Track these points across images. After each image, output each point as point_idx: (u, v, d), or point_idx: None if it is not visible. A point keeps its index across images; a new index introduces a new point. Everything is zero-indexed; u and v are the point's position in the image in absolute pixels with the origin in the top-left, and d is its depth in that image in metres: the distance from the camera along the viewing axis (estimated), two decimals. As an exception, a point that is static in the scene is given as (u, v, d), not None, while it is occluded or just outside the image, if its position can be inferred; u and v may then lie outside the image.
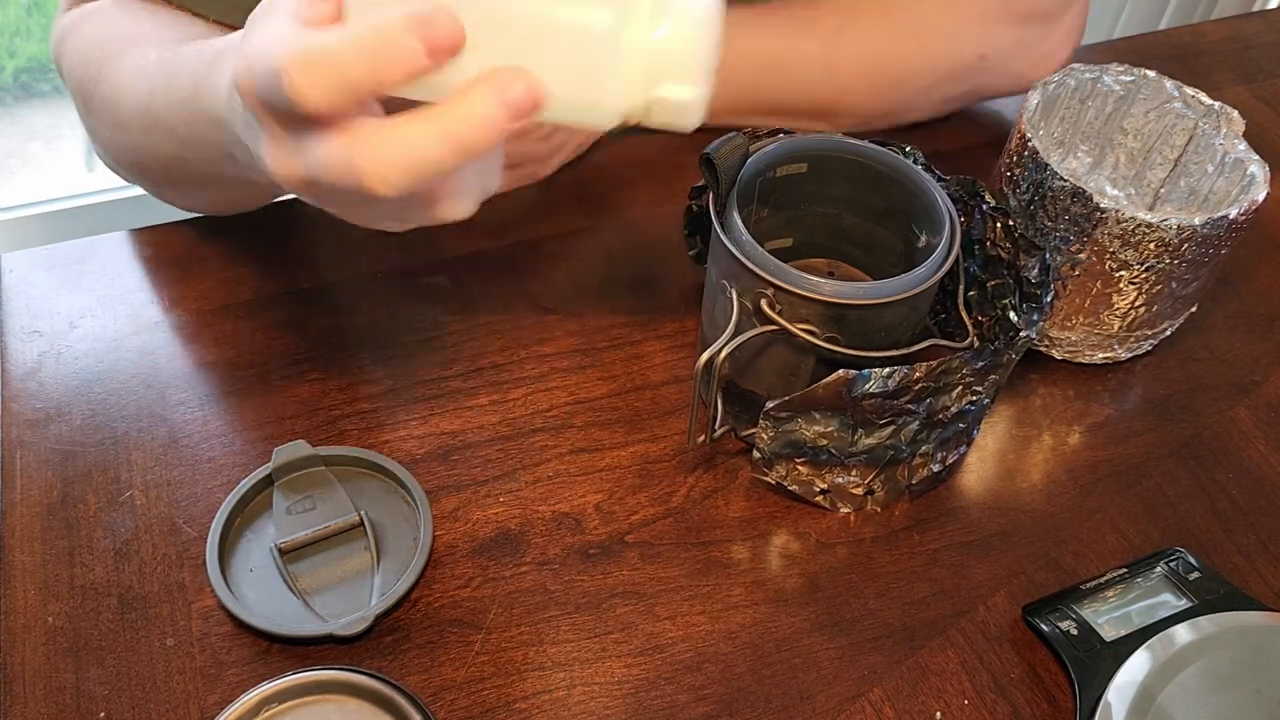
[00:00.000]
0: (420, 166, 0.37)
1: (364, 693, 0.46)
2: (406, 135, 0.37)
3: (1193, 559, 0.53)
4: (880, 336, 0.52)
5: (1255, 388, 0.63)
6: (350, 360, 0.60)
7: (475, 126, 0.37)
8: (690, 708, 0.49)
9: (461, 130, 0.37)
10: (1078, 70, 0.63)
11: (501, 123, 0.37)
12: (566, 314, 0.63)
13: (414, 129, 0.37)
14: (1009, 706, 0.49)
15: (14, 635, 0.49)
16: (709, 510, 0.55)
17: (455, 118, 0.37)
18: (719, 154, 0.52)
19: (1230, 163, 0.60)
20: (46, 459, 0.55)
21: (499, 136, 0.37)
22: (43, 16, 1.85)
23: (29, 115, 1.81)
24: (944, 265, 0.52)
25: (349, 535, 0.52)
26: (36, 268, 0.64)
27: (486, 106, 0.36)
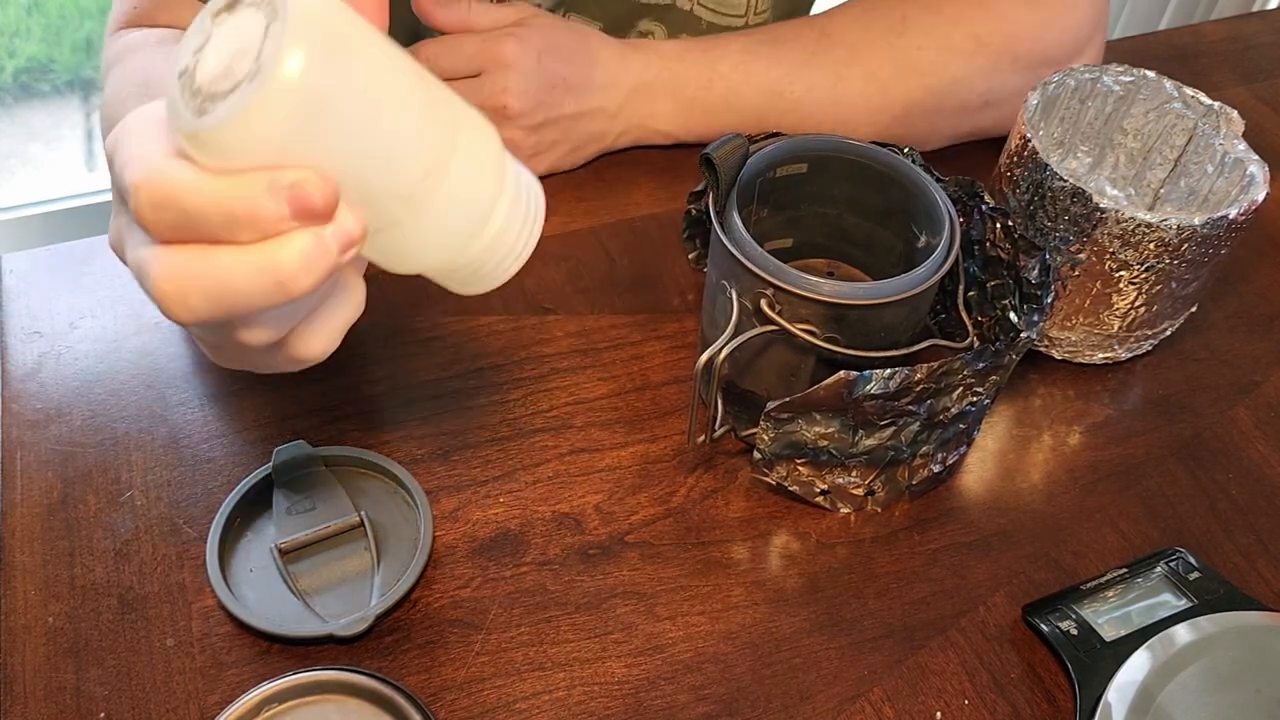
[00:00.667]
0: (231, 299, 0.34)
1: (364, 693, 0.46)
2: (221, 264, 0.33)
3: (1193, 559, 0.53)
4: (880, 337, 0.52)
5: (1255, 388, 0.63)
6: (350, 360, 0.60)
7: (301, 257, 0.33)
8: (690, 708, 0.49)
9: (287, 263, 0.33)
10: (1077, 70, 0.63)
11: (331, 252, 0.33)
12: (566, 314, 0.64)
13: (231, 258, 0.33)
14: (1009, 706, 0.49)
15: (14, 635, 0.49)
16: (709, 510, 0.55)
17: (279, 249, 0.33)
18: (719, 154, 0.52)
19: (1230, 163, 0.60)
20: (47, 459, 0.55)
21: (326, 272, 0.33)
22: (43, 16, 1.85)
23: (29, 115, 1.81)
24: (944, 265, 0.52)
25: (349, 535, 0.52)
26: (37, 268, 0.64)
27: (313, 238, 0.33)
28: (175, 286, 0.34)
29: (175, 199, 0.33)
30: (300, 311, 0.38)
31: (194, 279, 0.34)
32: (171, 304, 0.34)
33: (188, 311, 0.34)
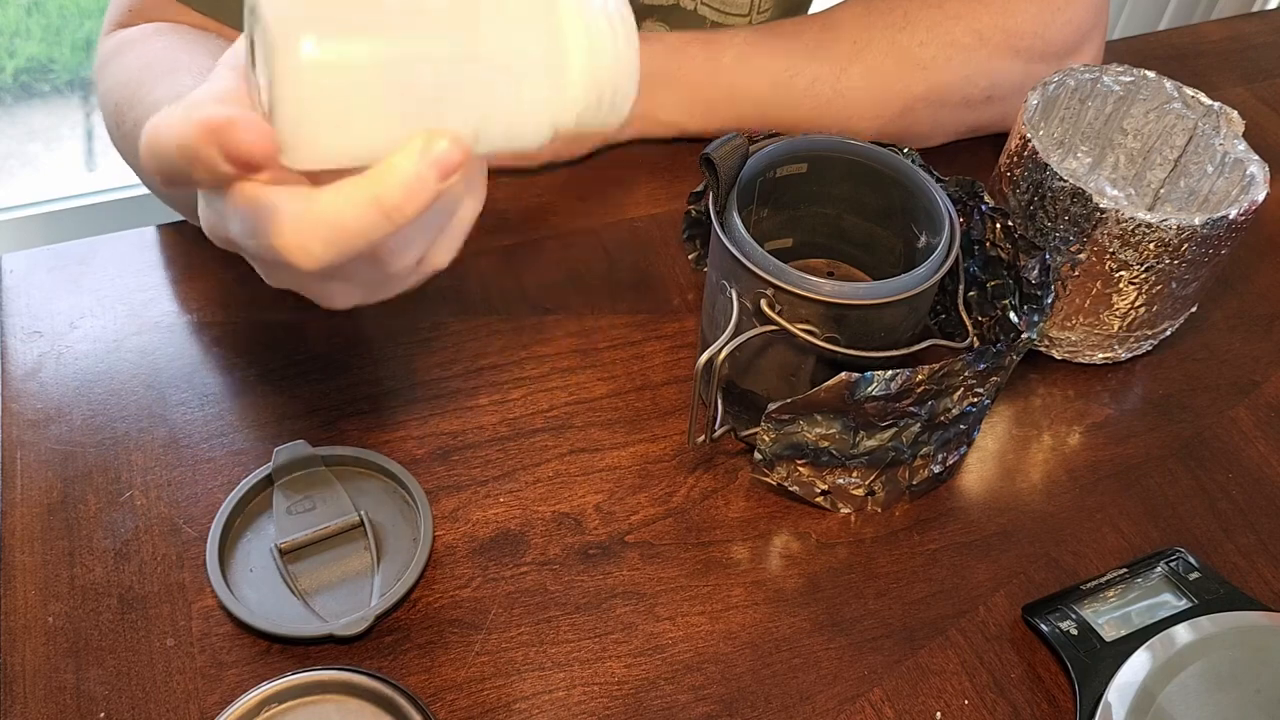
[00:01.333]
0: (346, 237, 0.35)
1: (364, 693, 0.46)
2: (329, 205, 0.35)
3: (1193, 559, 0.53)
4: (880, 337, 0.52)
5: (1255, 388, 0.63)
6: (350, 360, 0.60)
7: (401, 189, 0.34)
8: (690, 708, 0.49)
9: (388, 194, 0.34)
10: (1077, 70, 0.63)
11: (431, 183, 0.35)
12: (566, 314, 0.63)
13: (337, 198, 0.35)
14: (1009, 706, 0.49)
15: (14, 635, 0.49)
16: (709, 510, 0.55)
17: (381, 182, 0.34)
18: (719, 154, 0.52)
19: (1230, 163, 0.60)
20: (47, 459, 0.55)
21: (429, 198, 0.35)
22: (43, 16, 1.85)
23: (29, 115, 1.81)
24: (944, 265, 0.52)
25: (349, 535, 0.52)
26: (37, 268, 0.64)
27: (412, 167, 0.34)
28: (295, 238, 0.35)
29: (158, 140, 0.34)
30: (440, 223, 0.39)
31: (312, 225, 0.35)
32: (296, 255, 0.35)
33: (313, 259, 0.35)
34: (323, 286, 0.40)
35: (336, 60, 0.33)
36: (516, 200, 0.69)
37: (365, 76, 0.34)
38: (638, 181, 0.71)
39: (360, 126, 0.35)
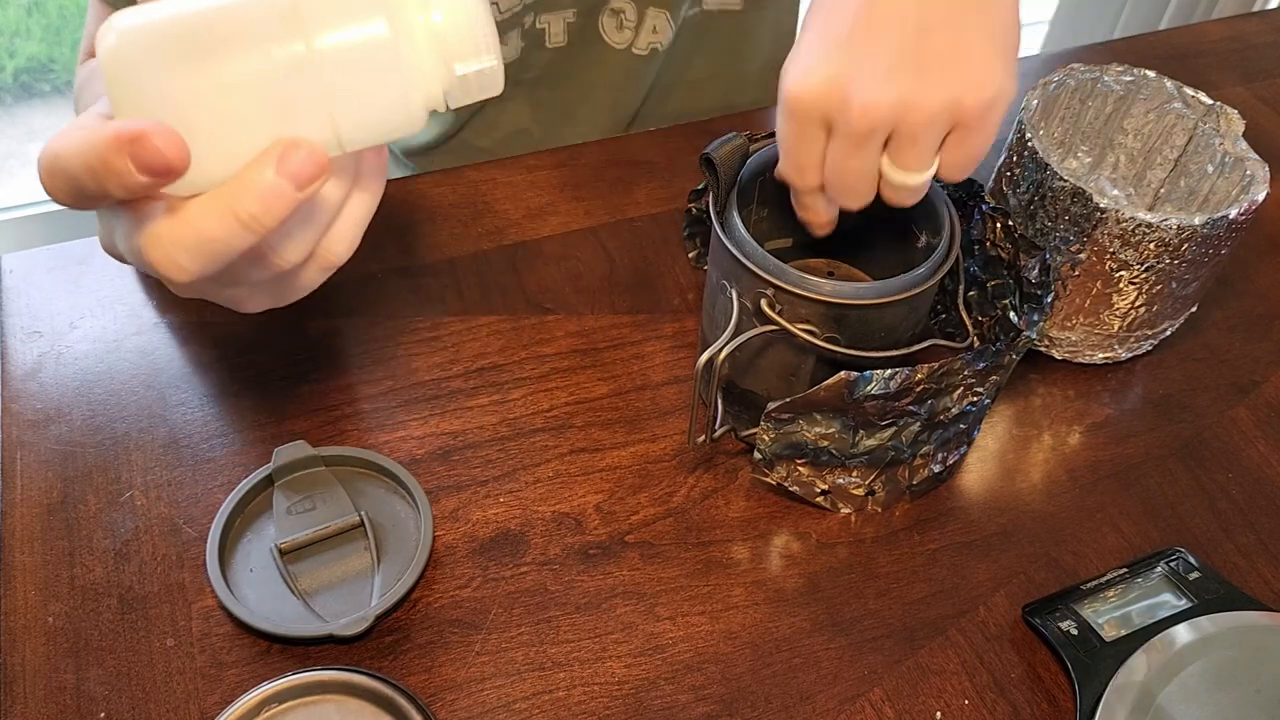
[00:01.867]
0: (211, 248, 0.36)
1: (364, 693, 0.46)
2: (191, 219, 0.35)
3: (1193, 559, 0.53)
4: (880, 336, 0.52)
5: (1255, 388, 0.63)
6: (350, 360, 0.60)
7: (258, 200, 0.35)
8: (690, 708, 0.49)
9: (244, 206, 0.35)
10: (1078, 70, 0.63)
11: (288, 193, 0.35)
12: (566, 314, 0.63)
13: (198, 211, 0.35)
14: (1009, 706, 0.49)
15: (14, 635, 0.49)
16: (709, 510, 0.55)
17: (238, 194, 0.35)
18: (719, 154, 0.52)
19: (1230, 163, 0.60)
20: (47, 459, 0.55)
21: (288, 207, 0.35)
22: (43, 17, 1.85)
23: (29, 115, 1.81)
24: (944, 265, 0.52)
25: (349, 535, 0.52)
26: (37, 268, 0.64)
27: (266, 178, 0.35)
28: (161, 252, 0.35)
29: (59, 161, 0.35)
30: (325, 218, 0.40)
31: (175, 240, 0.35)
32: (166, 268, 0.36)
33: (183, 271, 0.36)
34: (221, 292, 0.41)
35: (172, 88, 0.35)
36: (516, 200, 0.69)
37: (203, 99, 0.35)
38: (638, 181, 0.71)
39: (219, 148, 0.35)
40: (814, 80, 0.46)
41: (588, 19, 0.74)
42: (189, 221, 0.35)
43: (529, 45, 0.74)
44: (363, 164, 0.41)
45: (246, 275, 0.39)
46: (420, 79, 0.38)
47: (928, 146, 0.46)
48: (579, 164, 0.72)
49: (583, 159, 0.72)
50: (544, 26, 0.74)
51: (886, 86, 0.44)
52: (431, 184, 0.70)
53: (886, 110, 0.44)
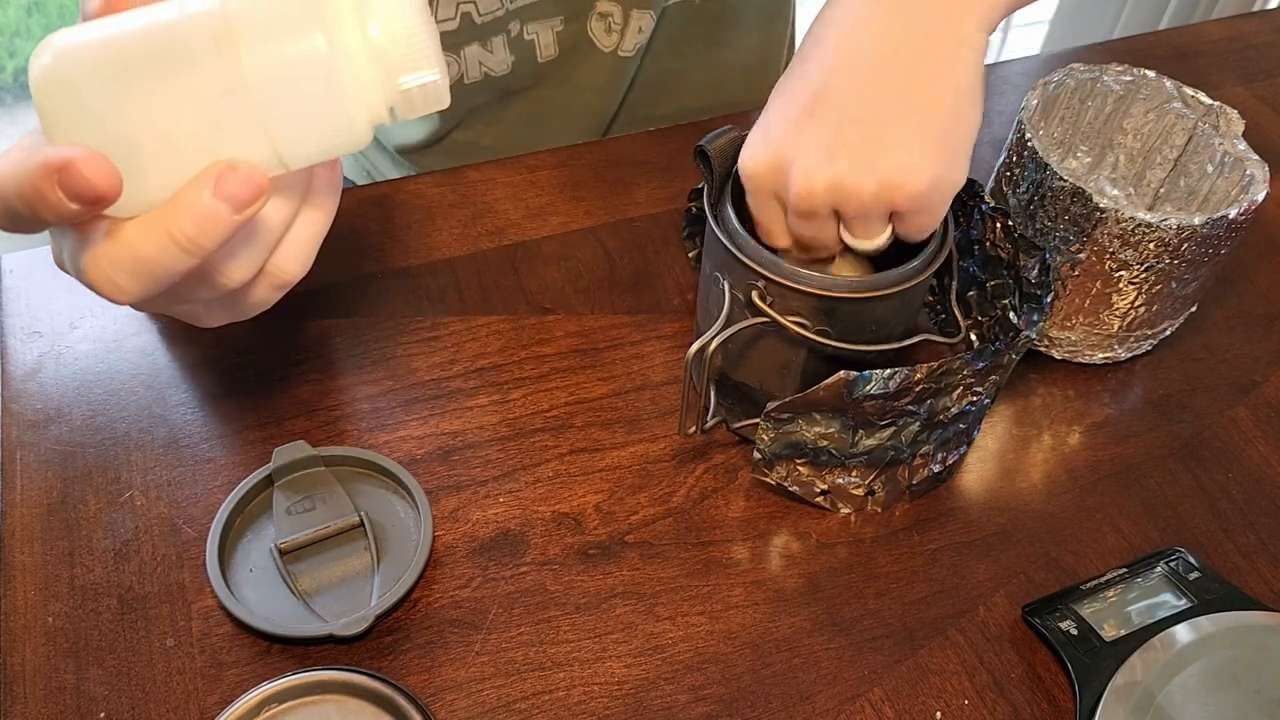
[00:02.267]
0: (150, 270, 0.35)
1: (364, 693, 0.46)
2: (129, 240, 0.35)
3: (1193, 559, 0.53)
4: (871, 330, 0.52)
5: (1255, 388, 0.63)
6: (350, 360, 0.60)
7: (195, 222, 0.35)
8: (690, 708, 0.49)
9: (180, 228, 0.35)
10: (1078, 70, 0.63)
11: (225, 215, 0.35)
12: (566, 314, 0.63)
13: (136, 233, 0.35)
14: (1009, 706, 0.49)
15: (14, 635, 0.49)
16: (709, 510, 0.55)
17: (174, 217, 0.35)
18: (713, 147, 0.53)
19: (1230, 163, 0.60)
20: (47, 459, 0.55)
21: (227, 229, 0.35)
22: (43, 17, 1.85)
23: (29, 115, 1.81)
24: (935, 260, 0.52)
25: (349, 535, 0.52)
26: (37, 268, 0.64)
27: (202, 200, 0.35)
28: (100, 273, 0.35)
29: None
30: (271, 237, 0.39)
31: (112, 261, 0.35)
32: (107, 289, 0.36)
33: (123, 293, 0.36)
34: (173, 308, 0.40)
35: (104, 111, 0.34)
36: (516, 200, 0.69)
37: (137, 121, 0.35)
38: (638, 181, 0.71)
39: (157, 169, 0.35)
40: (760, 159, 0.49)
41: (576, 25, 0.74)
42: (126, 243, 0.35)
43: (519, 59, 0.74)
44: (314, 181, 0.40)
45: (193, 294, 0.39)
46: (360, 94, 0.37)
47: (873, 221, 0.48)
48: (579, 164, 0.72)
49: (583, 159, 0.72)
50: (533, 38, 0.73)
51: (824, 168, 0.46)
52: (431, 184, 0.70)
53: (822, 193, 0.47)
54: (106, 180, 0.33)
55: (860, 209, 0.47)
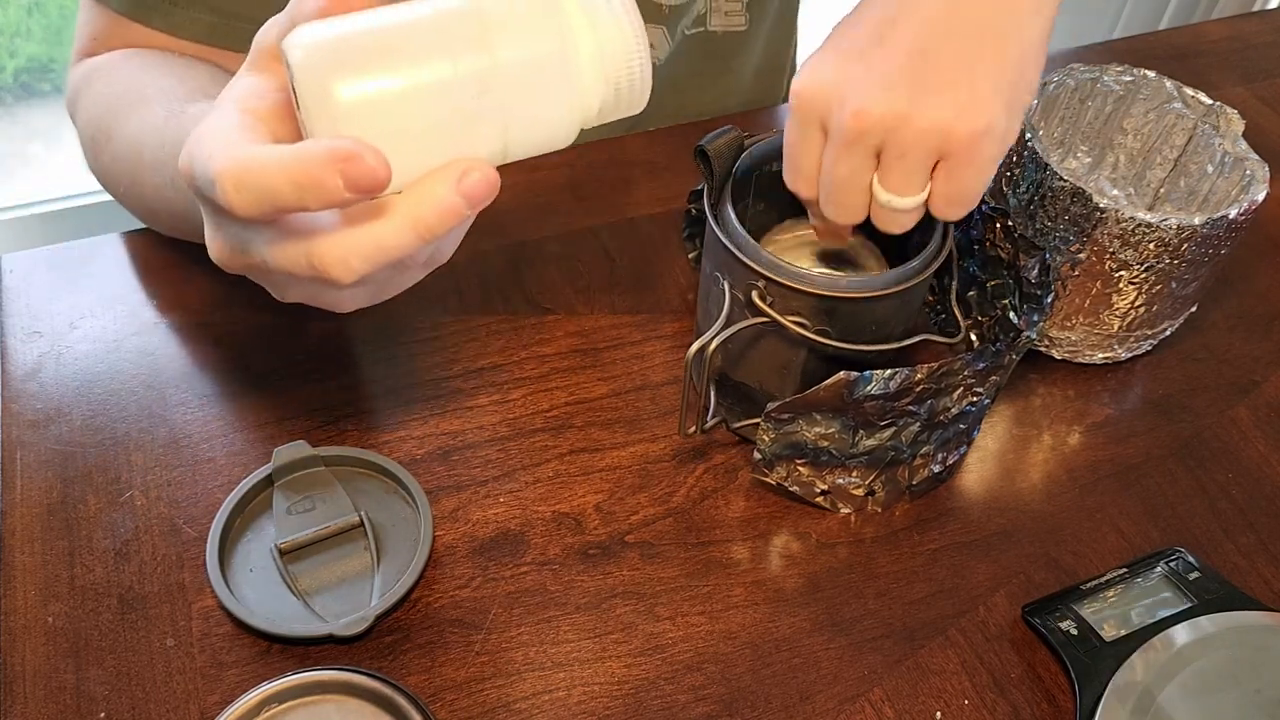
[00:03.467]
0: (385, 253, 0.38)
1: (364, 693, 0.46)
2: (371, 226, 0.38)
3: (1193, 559, 0.53)
4: (871, 330, 0.52)
5: (1255, 388, 0.63)
6: (350, 360, 0.60)
7: (436, 214, 0.37)
8: (690, 708, 0.49)
9: (424, 218, 0.38)
10: (1077, 70, 0.63)
11: (462, 210, 0.38)
12: (566, 314, 0.63)
13: (378, 219, 0.38)
14: (1009, 706, 0.49)
15: (14, 635, 0.49)
16: (709, 510, 0.55)
17: (417, 206, 0.38)
18: (713, 146, 0.53)
19: (1230, 163, 0.60)
20: (47, 459, 0.55)
21: (459, 222, 0.38)
22: (43, 16, 1.85)
23: (29, 115, 1.81)
24: (935, 260, 0.52)
25: (349, 535, 0.52)
26: (37, 268, 0.64)
27: (446, 194, 0.37)
28: (336, 255, 0.38)
29: (250, 175, 0.36)
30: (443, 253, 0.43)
31: (351, 245, 0.38)
32: (337, 270, 0.38)
33: (351, 274, 0.38)
34: (338, 295, 0.42)
35: (364, 102, 0.36)
36: (516, 200, 0.69)
37: (393, 113, 0.37)
38: (638, 181, 0.71)
39: (402, 159, 0.37)
40: (819, 80, 0.48)
41: None
42: (368, 229, 0.38)
43: None
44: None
45: (377, 279, 0.41)
46: (581, 93, 0.39)
47: (914, 167, 0.47)
48: (579, 164, 0.72)
49: (583, 159, 0.72)
50: None
51: (882, 96, 0.46)
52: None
53: (877, 118, 0.46)
54: (385, 171, 0.35)
55: (913, 140, 0.46)
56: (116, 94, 0.59)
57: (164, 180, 0.53)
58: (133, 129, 0.56)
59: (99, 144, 0.60)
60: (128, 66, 0.61)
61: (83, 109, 0.62)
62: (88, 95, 0.62)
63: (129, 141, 0.57)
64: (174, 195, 0.53)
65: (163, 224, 0.62)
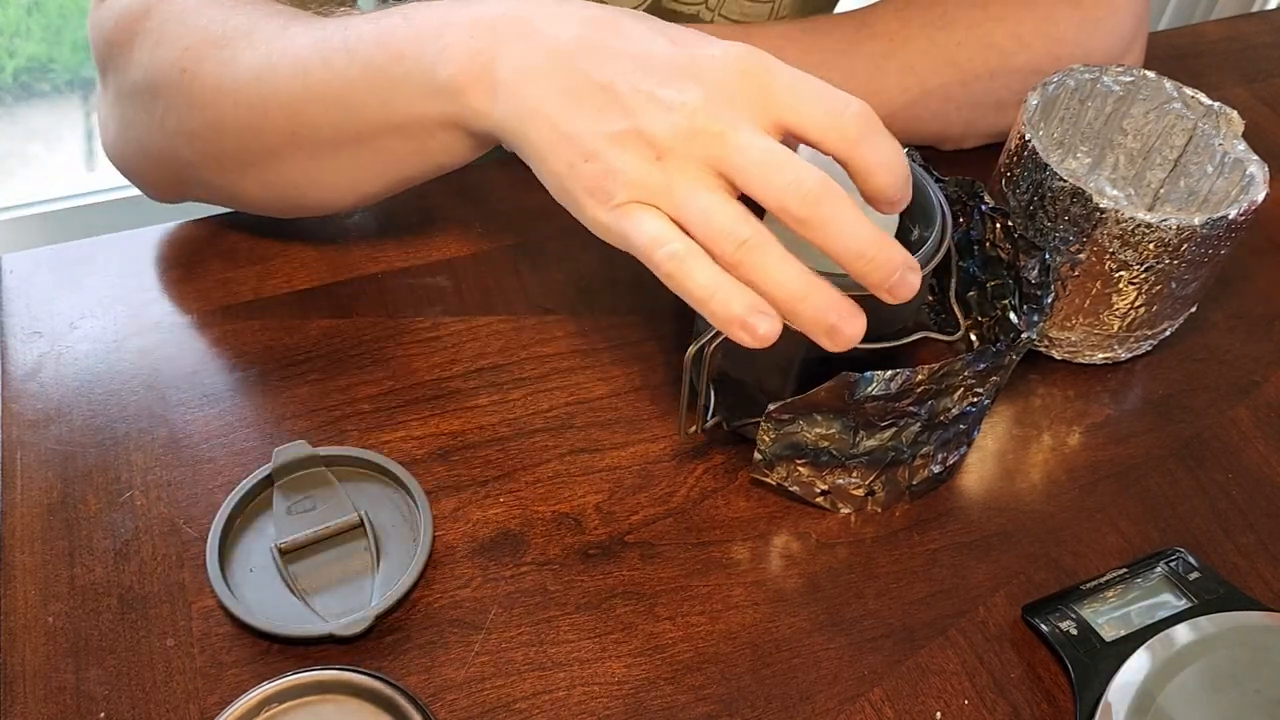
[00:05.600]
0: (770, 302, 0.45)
1: (364, 693, 0.46)
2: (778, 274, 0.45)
3: (1193, 559, 0.53)
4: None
5: (1255, 388, 0.63)
6: (350, 360, 0.60)
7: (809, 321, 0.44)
8: (690, 708, 0.49)
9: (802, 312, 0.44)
10: (1077, 70, 0.63)
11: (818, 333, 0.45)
12: (566, 314, 0.64)
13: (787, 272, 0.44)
14: (1009, 706, 0.49)
15: (14, 635, 0.49)
16: (709, 510, 0.55)
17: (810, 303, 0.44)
18: None
19: (1230, 163, 0.60)
20: (47, 459, 0.55)
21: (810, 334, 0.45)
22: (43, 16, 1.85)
23: (29, 115, 1.81)
24: (935, 257, 0.52)
25: (349, 535, 0.52)
26: (37, 268, 0.64)
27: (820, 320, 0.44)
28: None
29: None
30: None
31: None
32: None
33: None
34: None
35: None
36: (517, 200, 0.69)
37: None
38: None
39: None
40: None
41: None
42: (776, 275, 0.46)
43: None
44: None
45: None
46: None
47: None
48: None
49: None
50: None
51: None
52: (432, 183, 0.70)
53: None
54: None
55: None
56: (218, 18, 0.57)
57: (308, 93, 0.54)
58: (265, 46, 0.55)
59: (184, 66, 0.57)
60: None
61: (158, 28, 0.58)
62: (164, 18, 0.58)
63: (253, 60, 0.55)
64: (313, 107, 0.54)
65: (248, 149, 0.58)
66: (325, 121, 0.55)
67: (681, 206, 0.45)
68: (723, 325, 0.45)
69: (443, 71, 0.50)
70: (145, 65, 0.59)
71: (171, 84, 0.58)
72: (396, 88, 0.52)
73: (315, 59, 0.54)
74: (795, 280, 0.45)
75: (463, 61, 0.50)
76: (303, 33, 0.55)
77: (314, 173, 0.59)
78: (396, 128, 0.54)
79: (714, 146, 0.45)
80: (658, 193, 0.46)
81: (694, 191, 0.45)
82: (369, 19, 0.54)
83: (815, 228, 0.44)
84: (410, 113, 0.52)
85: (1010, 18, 0.68)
